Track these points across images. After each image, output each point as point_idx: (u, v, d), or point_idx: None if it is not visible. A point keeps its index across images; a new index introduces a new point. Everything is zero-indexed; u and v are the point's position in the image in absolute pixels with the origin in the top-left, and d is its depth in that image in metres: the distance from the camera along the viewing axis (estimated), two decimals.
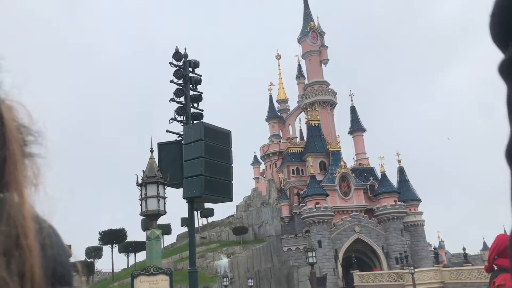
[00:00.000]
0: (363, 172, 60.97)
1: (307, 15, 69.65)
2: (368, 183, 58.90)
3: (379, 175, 59.25)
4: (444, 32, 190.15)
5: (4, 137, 0.60)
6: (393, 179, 59.65)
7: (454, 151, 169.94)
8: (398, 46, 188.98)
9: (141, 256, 51.08)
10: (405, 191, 58.73)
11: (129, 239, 51.18)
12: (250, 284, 40.23)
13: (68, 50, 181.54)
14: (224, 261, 48.64)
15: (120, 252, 51.30)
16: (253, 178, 68.52)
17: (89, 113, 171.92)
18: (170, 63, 11.32)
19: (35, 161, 0.65)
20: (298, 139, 68.77)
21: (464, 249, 51.39)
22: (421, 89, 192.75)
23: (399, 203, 55.93)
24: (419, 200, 59.78)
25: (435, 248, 63.23)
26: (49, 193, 0.65)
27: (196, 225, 51.66)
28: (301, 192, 56.95)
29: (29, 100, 0.65)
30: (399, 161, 61.19)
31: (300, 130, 71.31)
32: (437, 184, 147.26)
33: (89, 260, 47.83)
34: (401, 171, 61.18)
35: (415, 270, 38.53)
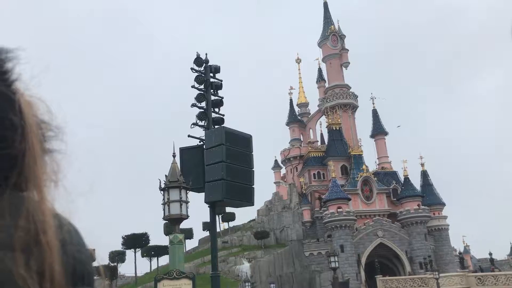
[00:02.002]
0: (386, 176, 60.33)
1: (327, 19, 69.48)
2: (391, 187, 58.25)
3: (402, 179, 58.56)
4: (475, 35, 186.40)
5: (23, 132, 0.59)
6: (416, 182, 58.95)
7: (483, 154, 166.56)
8: (423, 47, 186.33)
9: (164, 260, 51.47)
10: (428, 195, 57.91)
11: (151, 243, 51.68)
12: None
13: (96, 54, 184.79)
14: (245, 266, 48.66)
15: (143, 256, 51.82)
16: (274, 183, 68.43)
17: (112, 116, 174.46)
18: (192, 68, 11.43)
19: (55, 157, 0.65)
20: (319, 143, 68.51)
21: (490, 254, 50.31)
22: (448, 92, 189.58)
23: (423, 207, 55.15)
24: (443, 204, 58.85)
25: (460, 253, 62.00)
26: (69, 190, 0.64)
27: (217, 230, 51.93)
28: (323, 197, 56.62)
29: (50, 95, 0.64)
30: (422, 165, 60.43)
31: (321, 134, 71.06)
32: (462, 188, 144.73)
33: (112, 264, 48.43)
34: (424, 175, 60.38)
35: (440, 275, 37.87)
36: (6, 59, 0.61)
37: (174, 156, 11.01)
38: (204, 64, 11.54)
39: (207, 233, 57.98)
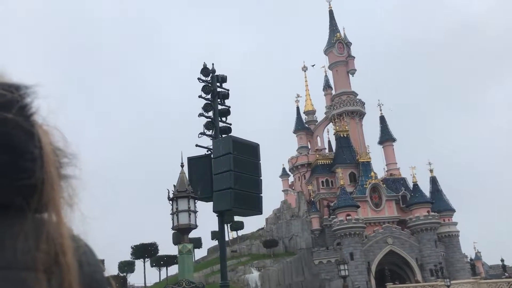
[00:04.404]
0: (395, 183, 60.04)
1: (333, 26, 69.68)
2: (400, 193, 57.93)
3: (411, 185, 58.24)
4: (492, 42, 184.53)
5: (42, 160, 0.64)
6: (426, 189, 58.57)
7: (493, 159, 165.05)
8: (435, 56, 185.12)
9: (173, 270, 51.43)
10: (438, 201, 57.50)
11: (160, 253, 51.66)
12: None
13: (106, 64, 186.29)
14: (255, 275, 48.47)
15: (152, 266, 51.79)
16: (282, 191, 68.26)
17: (119, 125, 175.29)
18: (198, 78, 11.51)
19: (70, 182, 0.69)
20: (326, 151, 68.34)
21: (502, 260, 49.78)
22: (459, 99, 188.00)
23: (432, 213, 54.75)
24: (453, 210, 58.38)
25: (471, 260, 61.38)
26: (84, 213, 0.69)
27: (226, 239, 51.90)
28: (331, 204, 56.40)
29: (64, 123, 0.69)
30: (431, 171, 60.05)
31: (329, 141, 70.90)
32: (473, 194, 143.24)
33: (121, 275, 48.44)
34: (433, 181, 59.99)
35: (451, 282, 37.50)
36: (25, 94, 0.66)
37: (182, 166, 11.07)
38: (211, 74, 11.62)
39: (215, 242, 57.87)
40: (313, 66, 72.46)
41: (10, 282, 0.59)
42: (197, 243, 54.23)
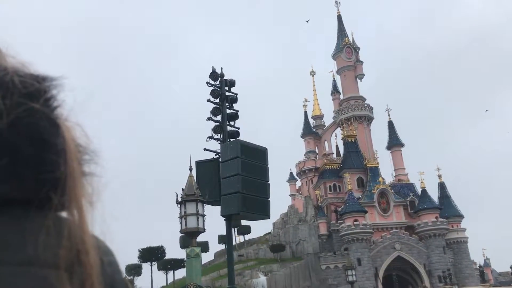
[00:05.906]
0: (403, 188, 59.73)
1: (341, 31, 69.68)
2: (408, 199, 57.61)
3: (419, 191, 57.91)
4: (500, 50, 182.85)
5: (65, 154, 0.62)
6: (434, 195, 58.21)
7: (502, 165, 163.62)
8: (448, 64, 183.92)
9: (180, 273, 51.45)
10: (446, 207, 57.13)
11: (167, 256, 51.70)
12: None
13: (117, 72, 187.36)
14: (261, 279, 48.34)
15: (159, 269, 51.82)
16: (290, 195, 68.12)
17: (128, 128, 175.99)
18: (207, 82, 11.57)
19: (92, 179, 0.67)
20: (334, 155, 68.17)
21: None
22: (468, 104, 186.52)
23: (441, 219, 54.39)
24: (462, 216, 57.95)
25: (480, 266, 60.78)
26: (105, 212, 0.66)
27: (233, 243, 51.79)
28: (339, 209, 56.21)
29: (87, 121, 0.68)
30: (439, 176, 59.70)
31: (336, 146, 70.71)
32: (481, 200, 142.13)
33: (129, 278, 48.53)
34: (442, 187, 59.65)
35: None
36: (51, 87, 0.64)
37: (190, 169, 11.11)
38: (219, 78, 11.68)
39: (222, 246, 57.86)
40: (307, 21, 77.72)
41: (31, 279, 0.57)
42: (204, 247, 54.23)
